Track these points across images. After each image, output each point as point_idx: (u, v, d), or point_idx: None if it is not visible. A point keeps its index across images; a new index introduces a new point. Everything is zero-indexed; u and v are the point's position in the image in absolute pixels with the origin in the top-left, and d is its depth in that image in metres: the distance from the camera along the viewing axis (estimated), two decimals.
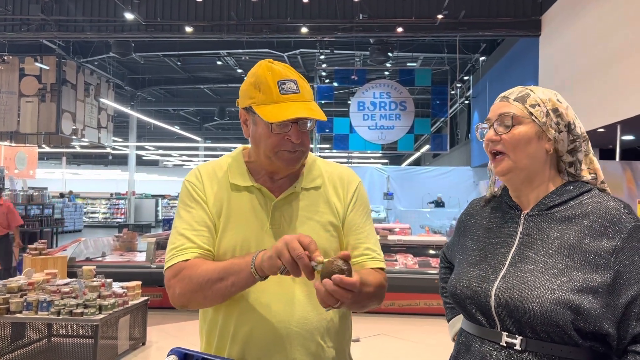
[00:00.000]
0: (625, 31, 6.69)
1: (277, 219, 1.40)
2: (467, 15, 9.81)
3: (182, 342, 1.36)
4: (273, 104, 1.31)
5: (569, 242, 1.18)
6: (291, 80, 1.33)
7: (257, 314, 1.34)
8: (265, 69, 1.34)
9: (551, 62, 9.22)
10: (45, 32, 10.56)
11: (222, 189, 1.43)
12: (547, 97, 1.29)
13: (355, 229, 1.46)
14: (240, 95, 1.41)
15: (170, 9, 10.25)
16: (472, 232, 1.41)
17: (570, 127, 1.28)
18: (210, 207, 1.41)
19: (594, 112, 7.43)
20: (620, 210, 1.18)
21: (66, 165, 29.24)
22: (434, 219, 13.38)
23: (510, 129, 1.26)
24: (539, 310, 1.13)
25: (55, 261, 6.33)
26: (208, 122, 24.10)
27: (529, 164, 1.26)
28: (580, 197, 1.25)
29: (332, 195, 1.47)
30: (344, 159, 23.23)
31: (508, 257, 1.25)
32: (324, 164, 1.54)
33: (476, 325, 1.27)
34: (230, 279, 1.26)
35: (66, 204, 21.85)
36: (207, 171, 1.47)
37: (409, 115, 12.64)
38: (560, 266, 1.16)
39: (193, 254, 1.35)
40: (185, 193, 1.45)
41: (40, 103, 12.42)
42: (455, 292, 1.33)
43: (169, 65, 15.51)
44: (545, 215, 1.26)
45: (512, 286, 1.19)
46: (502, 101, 1.32)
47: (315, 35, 10.30)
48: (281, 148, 1.35)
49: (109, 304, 4.58)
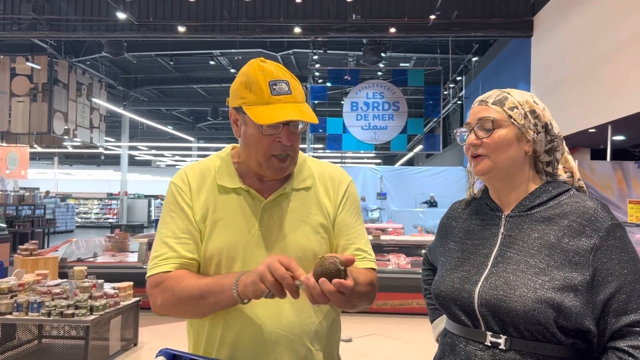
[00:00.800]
0: (616, 32, 6.73)
1: (266, 220, 1.38)
2: (460, 16, 9.84)
3: (174, 343, 1.35)
4: (264, 105, 1.28)
5: (549, 241, 1.21)
6: (283, 80, 1.31)
7: (244, 318, 1.32)
8: (256, 68, 1.32)
9: (543, 62, 9.26)
10: (36, 31, 10.50)
11: (209, 191, 1.41)
12: (524, 100, 1.31)
13: (346, 229, 1.45)
14: (230, 95, 1.39)
15: (162, 9, 10.21)
16: (454, 234, 1.43)
17: (547, 128, 1.31)
18: (195, 211, 1.39)
19: (585, 113, 7.47)
20: (598, 210, 1.21)
21: (58, 165, 29.06)
22: (427, 218, 13.41)
23: (491, 133, 1.29)
24: (521, 309, 1.15)
25: (46, 262, 6.29)
26: (201, 122, 24.04)
27: (509, 166, 1.29)
28: (559, 197, 1.28)
29: (322, 196, 1.45)
30: (337, 159, 23.23)
31: (490, 258, 1.27)
32: (314, 163, 1.52)
33: (460, 326, 1.29)
34: (211, 299, 1.25)
35: (58, 204, 21.74)
36: (194, 173, 1.44)
37: (402, 115, 12.66)
38: (541, 265, 1.19)
39: (174, 265, 1.34)
40: (170, 197, 1.42)
41: (32, 103, 12.35)
42: (438, 294, 1.34)
43: (162, 65, 15.46)
44: (525, 216, 1.28)
45: (495, 286, 1.21)
46: (481, 105, 1.34)
47: (308, 36, 10.30)
48: (272, 152, 1.33)
49: (100, 305, 4.56)
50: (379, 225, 10.32)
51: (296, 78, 1.38)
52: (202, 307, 1.28)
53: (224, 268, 1.34)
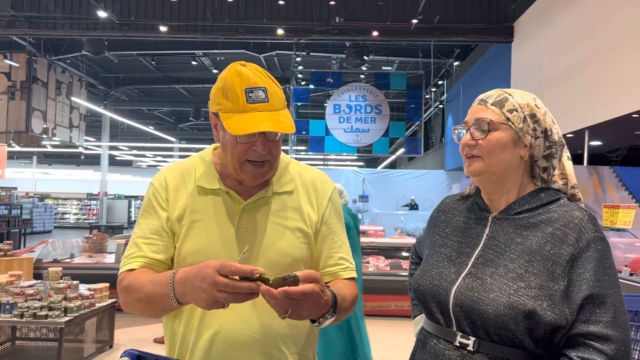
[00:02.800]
0: (593, 39, 6.85)
1: (244, 222, 1.36)
2: (442, 21, 9.93)
3: (150, 345, 1.34)
4: (239, 113, 1.26)
5: (531, 247, 1.19)
6: (260, 88, 1.27)
7: (219, 321, 1.31)
8: (234, 73, 1.28)
9: (523, 67, 9.39)
10: (15, 28, 10.34)
11: (188, 192, 1.39)
12: (525, 102, 1.27)
13: (330, 237, 1.45)
14: (210, 99, 1.36)
15: (144, 8, 10.13)
16: (441, 228, 1.42)
17: (547, 134, 1.28)
18: (171, 212, 1.37)
19: (563, 118, 7.59)
20: (584, 220, 1.19)
21: (37, 164, 28.62)
22: (408, 221, 13.47)
23: (487, 135, 1.25)
24: (493, 313, 1.14)
25: (21, 262, 6.19)
26: (183, 122, 23.86)
27: (502, 169, 1.26)
28: (549, 205, 1.25)
29: (304, 202, 1.44)
30: (319, 161, 23.25)
31: (472, 258, 1.26)
32: (297, 167, 1.50)
33: (434, 324, 1.29)
34: (157, 305, 1.25)
35: (36, 205, 21.40)
36: (173, 173, 1.42)
37: (384, 118, 12.72)
38: (519, 271, 1.17)
39: (138, 264, 1.33)
40: (146, 198, 1.43)
41: (10, 101, 12.13)
42: (417, 287, 1.33)
43: (143, 65, 15.31)
44: (512, 220, 1.26)
45: (471, 287, 1.20)
46: (480, 104, 1.31)
47: (291, 37, 10.30)
48: (247, 157, 1.30)
49: (74, 306, 4.49)
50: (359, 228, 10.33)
51: (277, 82, 1.34)
52: (154, 312, 1.28)
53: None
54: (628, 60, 6.04)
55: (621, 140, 8.83)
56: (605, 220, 6.50)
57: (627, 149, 9.80)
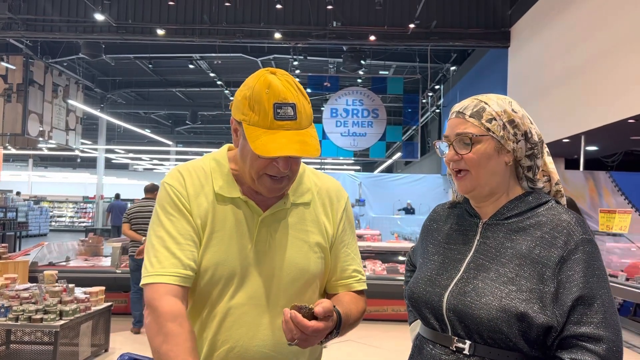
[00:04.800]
0: (589, 45, 6.88)
1: (264, 236, 1.33)
2: (439, 26, 9.95)
3: (147, 349, 1.33)
4: (265, 129, 1.20)
5: (521, 251, 1.21)
6: (289, 104, 1.20)
7: (233, 336, 1.30)
8: (262, 84, 1.21)
9: (519, 73, 9.42)
10: (12, 30, 10.31)
11: (207, 199, 1.33)
12: (502, 109, 1.28)
13: (344, 250, 1.45)
14: (234, 103, 1.28)
15: (142, 11, 10.12)
16: (433, 237, 1.44)
17: (527, 136, 1.29)
18: (194, 217, 1.31)
19: (559, 123, 7.61)
20: (572, 224, 1.21)
21: (33, 167, 28.52)
22: (405, 225, 13.48)
23: (470, 148, 1.27)
24: (485, 317, 1.16)
25: (16, 266, 6.15)
26: (180, 125, 23.81)
27: (491, 179, 1.28)
28: (537, 209, 1.27)
29: (320, 213, 1.42)
30: (316, 165, 23.25)
31: (463, 264, 1.28)
32: (313, 175, 1.47)
33: (429, 329, 1.30)
34: None
35: (31, 207, 21.32)
36: (191, 178, 1.35)
37: (381, 122, 12.73)
38: (510, 275, 1.19)
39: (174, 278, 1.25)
40: (166, 198, 1.33)
41: (6, 103, 12.12)
42: (411, 295, 1.35)
43: (140, 68, 15.29)
44: (502, 225, 1.29)
45: (463, 292, 1.22)
46: (458, 117, 1.31)
47: (288, 41, 10.31)
48: (267, 171, 1.26)
49: (70, 310, 4.47)
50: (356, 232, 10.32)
51: (306, 95, 1.27)
52: None
53: (217, 284, 1.30)
54: (624, 65, 6.08)
55: (617, 146, 8.87)
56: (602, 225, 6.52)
57: (623, 154, 9.83)
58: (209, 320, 1.31)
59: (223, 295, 1.31)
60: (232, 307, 1.30)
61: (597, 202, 7.30)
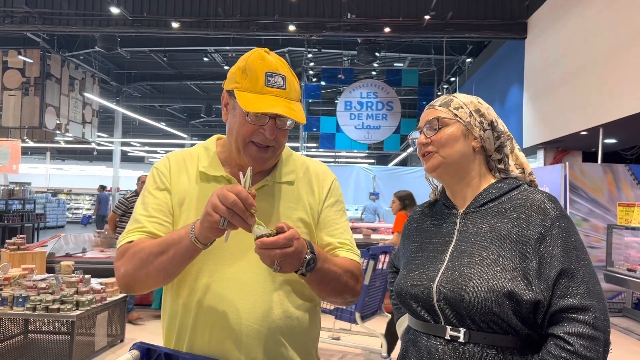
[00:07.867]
0: (609, 36, 6.75)
1: None
2: (454, 17, 9.85)
3: (160, 339, 1.35)
4: (255, 93, 1.27)
5: (501, 233, 1.26)
6: (280, 74, 1.30)
7: (218, 309, 1.30)
8: (257, 57, 1.31)
9: (536, 65, 9.29)
10: (29, 24, 10.41)
11: (189, 178, 1.41)
12: (469, 100, 1.39)
13: (331, 224, 1.46)
14: (227, 77, 1.37)
15: (157, 4, 10.16)
16: (414, 235, 1.48)
17: (493, 125, 1.38)
18: (173, 195, 1.39)
19: (577, 115, 7.50)
20: (545, 202, 1.27)
21: (50, 160, 28.89)
22: None
23: (438, 131, 1.36)
24: (475, 299, 1.19)
25: (33, 256, 6.24)
26: (194, 119, 23.93)
27: (457, 159, 1.35)
28: (510, 192, 1.34)
29: (305, 192, 1.45)
30: (330, 158, 23.21)
31: (447, 254, 1.32)
32: (299, 158, 1.52)
33: (421, 322, 1.32)
34: (170, 251, 1.23)
35: (49, 200, 21.61)
36: (176, 159, 1.45)
37: (396, 115, 12.67)
38: (493, 256, 1.23)
39: (140, 235, 1.33)
40: (150, 179, 1.44)
41: (24, 97, 12.27)
42: (400, 292, 1.38)
43: (155, 61, 15.37)
44: (479, 212, 1.34)
45: (451, 280, 1.25)
46: (429, 109, 1.42)
47: (302, 34, 10.28)
48: (253, 138, 1.31)
49: (86, 300, 4.52)
50: (370, 225, 10.31)
51: (296, 77, 1.36)
52: (163, 264, 1.24)
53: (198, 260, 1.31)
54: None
55: (636, 138, 8.72)
56: (620, 219, 6.42)
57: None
58: (192, 295, 1.33)
59: (204, 271, 1.33)
60: (213, 281, 1.32)
61: (616, 195, 7.18)
